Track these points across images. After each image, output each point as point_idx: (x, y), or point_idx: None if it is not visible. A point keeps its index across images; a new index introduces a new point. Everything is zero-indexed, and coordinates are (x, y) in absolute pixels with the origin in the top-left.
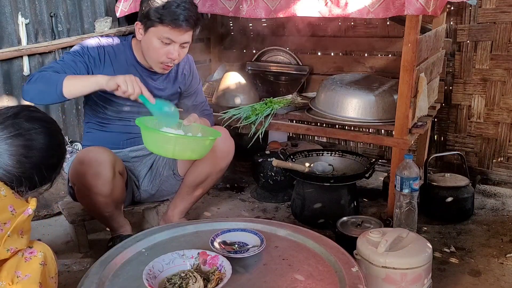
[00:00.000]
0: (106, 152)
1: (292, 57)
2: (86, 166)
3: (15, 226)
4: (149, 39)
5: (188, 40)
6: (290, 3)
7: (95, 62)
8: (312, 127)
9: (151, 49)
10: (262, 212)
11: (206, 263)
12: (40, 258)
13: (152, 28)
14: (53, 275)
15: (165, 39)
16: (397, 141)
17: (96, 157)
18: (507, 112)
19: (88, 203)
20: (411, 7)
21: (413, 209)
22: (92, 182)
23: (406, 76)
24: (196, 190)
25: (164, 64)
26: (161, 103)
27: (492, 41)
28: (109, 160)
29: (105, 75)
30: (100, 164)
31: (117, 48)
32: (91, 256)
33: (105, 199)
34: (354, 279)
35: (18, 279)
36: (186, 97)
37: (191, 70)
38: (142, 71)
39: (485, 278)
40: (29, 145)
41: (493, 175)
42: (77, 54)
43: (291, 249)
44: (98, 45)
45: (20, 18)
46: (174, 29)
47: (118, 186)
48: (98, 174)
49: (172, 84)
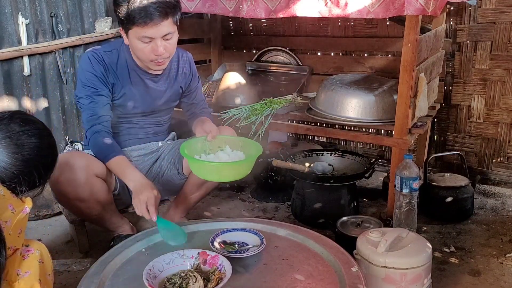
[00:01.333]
0: (78, 156)
1: (292, 57)
2: (58, 172)
3: (15, 224)
4: (133, 42)
5: (168, 31)
6: (290, 3)
7: (102, 75)
8: (312, 127)
9: (137, 50)
10: (262, 212)
11: (206, 263)
12: (37, 255)
13: (130, 31)
14: (50, 273)
15: (144, 38)
16: (397, 141)
17: (67, 162)
18: (506, 112)
19: (70, 208)
20: (411, 7)
21: (413, 209)
22: (66, 189)
23: (406, 76)
24: (200, 189)
25: (155, 62)
26: (172, 225)
27: (492, 41)
28: (80, 164)
29: (131, 182)
30: (71, 170)
31: (117, 55)
32: (91, 256)
33: (84, 203)
34: (354, 279)
35: (18, 276)
36: (186, 95)
37: (191, 68)
38: (143, 74)
39: (485, 278)
40: (23, 144)
41: (492, 175)
42: (91, 81)
43: (291, 249)
44: (99, 59)
45: (20, 18)
46: (146, 25)
47: (97, 189)
48: (70, 179)
49: (174, 84)
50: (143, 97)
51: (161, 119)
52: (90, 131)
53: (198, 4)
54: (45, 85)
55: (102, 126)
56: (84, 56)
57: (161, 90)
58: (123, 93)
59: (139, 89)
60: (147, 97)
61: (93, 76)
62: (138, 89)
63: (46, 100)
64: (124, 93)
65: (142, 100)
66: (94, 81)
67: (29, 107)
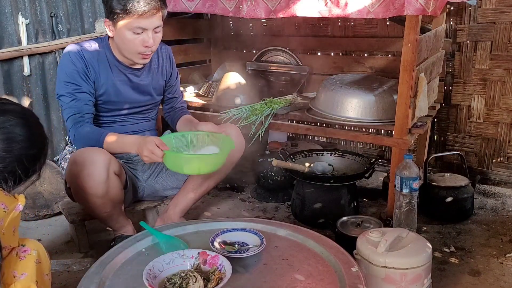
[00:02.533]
0: (99, 152)
1: (292, 57)
2: (79, 167)
3: (9, 223)
4: (121, 33)
5: (159, 24)
6: (290, 3)
7: (84, 71)
8: (312, 127)
9: (126, 42)
10: (262, 212)
11: (206, 263)
12: (34, 256)
13: (121, 22)
14: (47, 272)
15: (136, 28)
16: (397, 141)
17: (89, 158)
18: (506, 112)
19: (85, 203)
20: (411, 7)
21: (413, 209)
22: (86, 184)
23: (406, 76)
24: (203, 185)
25: (142, 54)
26: (172, 238)
27: (492, 41)
28: (102, 160)
29: (132, 145)
30: (93, 165)
31: (97, 52)
32: (91, 256)
33: (100, 199)
34: (354, 279)
35: (15, 278)
36: (166, 89)
37: (171, 61)
38: (125, 69)
39: (485, 278)
40: (6, 138)
41: (492, 175)
42: (73, 77)
43: (291, 249)
44: (79, 55)
45: (20, 18)
46: (142, 16)
47: (113, 187)
48: (91, 175)
49: (156, 77)
50: (127, 91)
51: (148, 115)
52: (74, 128)
53: (198, 4)
54: (45, 85)
55: (84, 122)
56: (64, 53)
57: (145, 84)
58: (106, 89)
59: (122, 83)
60: (131, 91)
61: (74, 72)
62: (122, 84)
63: (46, 100)
64: (107, 88)
65: (126, 95)
66: (76, 78)
67: (29, 107)
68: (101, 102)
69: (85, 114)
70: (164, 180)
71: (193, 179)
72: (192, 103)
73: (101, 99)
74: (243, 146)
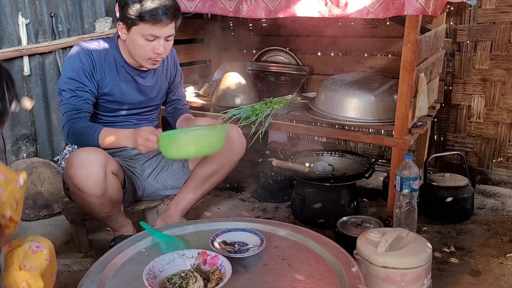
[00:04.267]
0: (96, 152)
1: (292, 57)
2: (76, 168)
3: (9, 192)
4: (134, 38)
5: (171, 33)
6: (290, 3)
7: (90, 69)
8: (312, 127)
9: (137, 47)
10: (262, 212)
11: (206, 263)
12: (46, 254)
13: (134, 27)
14: (54, 273)
15: (149, 36)
16: (396, 141)
17: (86, 158)
18: (506, 112)
19: (83, 204)
20: (411, 7)
21: (413, 209)
22: (83, 184)
23: (406, 76)
24: (204, 184)
25: (152, 60)
26: (172, 238)
27: (492, 41)
28: (99, 160)
29: (126, 139)
30: (90, 165)
31: (105, 52)
32: (91, 256)
33: (99, 199)
34: (354, 279)
35: (24, 268)
36: (170, 91)
37: (175, 63)
38: (132, 71)
39: (485, 278)
40: None
41: (492, 175)
42: (78, 74)
43: (291, 249)
44: (88, 54)
45: (20, 18)
46: (156, 24)
47: (112, 186)
48: (88, 175)
49: (161, 80)
50: (131, 92)
51: (150, 116)
52: (68, 123)
53: (198, 4)
54: (45, 85)
55: (80, 119)
56: (73, 49)
57: (149, 85)
58: (111, 89)
59: (128, 84)
60: (135, 92)
61: (80, 70)
62: (127, 85)
63: (46, 100)
64: (112, 88)
65: (131, 96)
66: (81, 75)
67: (29, 107)
68: (104, 102)
69: (83, 112)
70: (165, 179)
71: (194, 179)
72: (192, 103)
73: (105, 98)
74: (243, 146)
